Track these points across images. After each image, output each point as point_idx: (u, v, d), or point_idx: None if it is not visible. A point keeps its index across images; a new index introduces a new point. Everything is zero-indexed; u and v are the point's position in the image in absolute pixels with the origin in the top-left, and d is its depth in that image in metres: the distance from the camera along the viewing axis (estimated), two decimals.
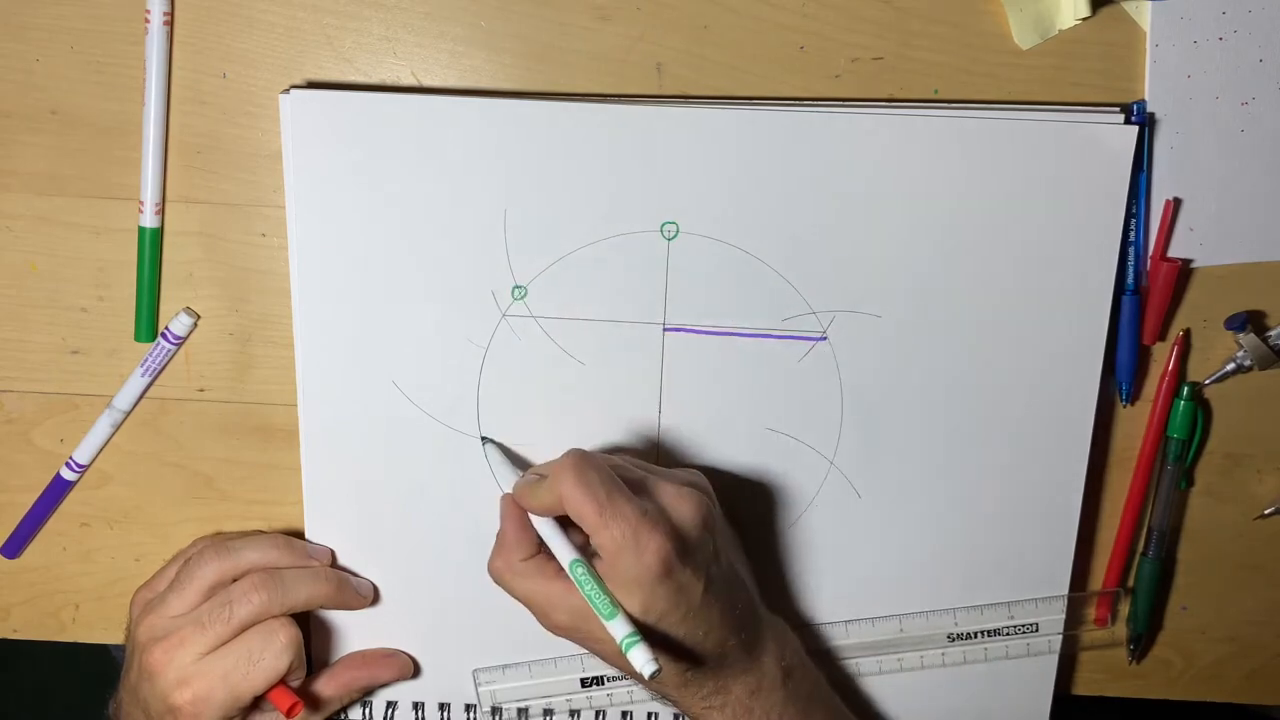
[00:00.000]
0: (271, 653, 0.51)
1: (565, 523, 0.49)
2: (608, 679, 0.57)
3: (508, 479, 0.52)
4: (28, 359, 0.57)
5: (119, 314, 0.56)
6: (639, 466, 0.51)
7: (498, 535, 0.51)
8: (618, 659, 0.48)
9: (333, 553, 0.56)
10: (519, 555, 0.50)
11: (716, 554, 0.49)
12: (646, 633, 0.46)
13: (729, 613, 0.49)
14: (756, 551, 0.56)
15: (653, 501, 0.48)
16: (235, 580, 0.53)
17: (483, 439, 0.55)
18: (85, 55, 0.53)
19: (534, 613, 0.50)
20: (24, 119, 0.54)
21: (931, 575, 0.57)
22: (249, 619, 0.51)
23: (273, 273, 0.56)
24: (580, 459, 0.48)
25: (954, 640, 0.57)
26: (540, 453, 0.55)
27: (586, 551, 0.48)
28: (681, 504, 0.48)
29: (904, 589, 0.57)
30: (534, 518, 0.50)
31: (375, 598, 0.57)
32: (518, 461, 0.55)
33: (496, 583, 0.51)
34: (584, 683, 0.57)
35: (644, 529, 0.46)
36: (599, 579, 0.47)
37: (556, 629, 0.50)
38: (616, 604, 0.46)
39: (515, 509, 0.51)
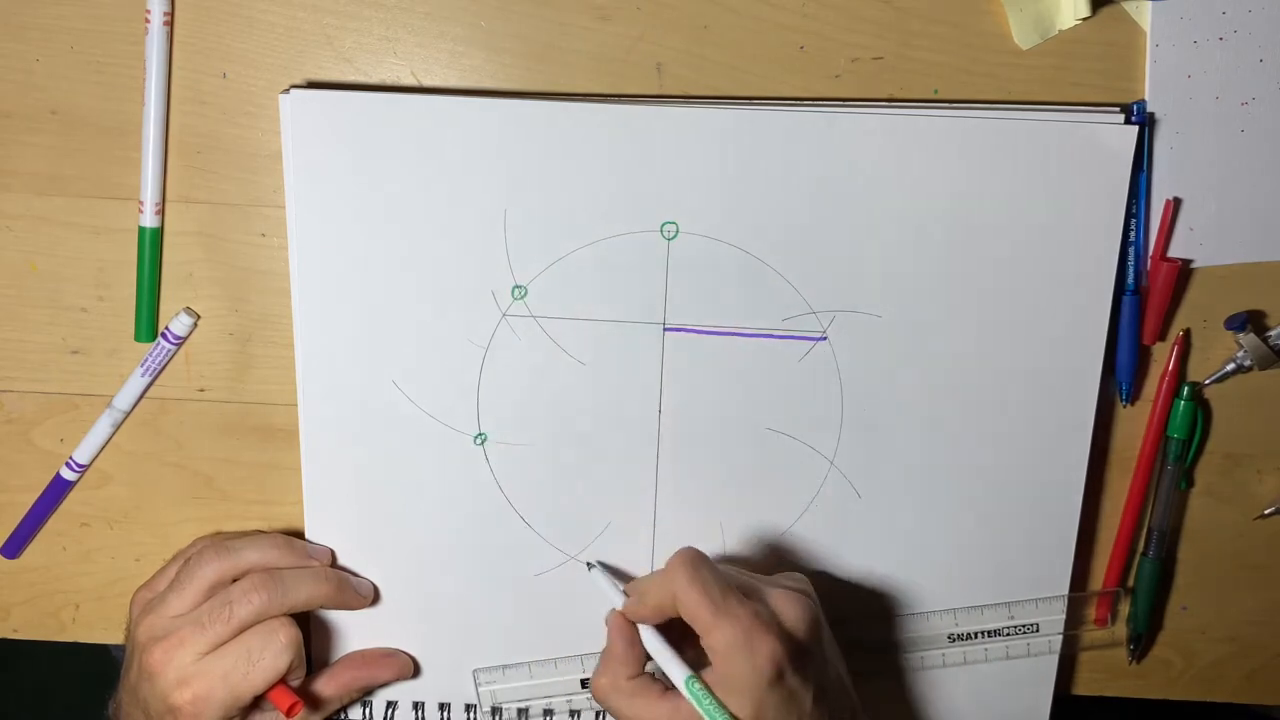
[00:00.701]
0: (271, 652, 0.51)
1: (672, 642, 0.49)
2: None
3: (615, 597, 0.52)
4: (28, 359, 0.57)
5: (119, 314, 0.56)
6: (744, 572, 0.51)
7: (604, 652, 0.51)
8: None
9: (333, 553, 0.56)
10: (626, 673, 0.49)
11: (825, 661, 0.49)
12: None
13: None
14: (756, 552, 0.56)
15: (764, 604, 0.48)
16: (235, 580, 0.53)
17: (588, 564, 0.55)
18: (85, 55, 0.53)
19: None
20: (24, 119, 0.54)
21: (931, 575, 0.57)
22: (249, 619, 0.51)
23: (273, 273, 0.56)
24: (694, 557, 0.48)
25: (954, 641, 0.57)
26: (540, 453, 0.55)
27: (695, 665, 0.48)
28: (791, 608, 0.48)
29: (904, 589, 0.57)
30: (644, 635, 0.50)
31: (375, 598, 0.57)
32: (622, 578, 0.55)
33: (600, 701, 0.50)
34: (584, 683, 0.57)
35: (757, 630, 0.46)
36: (714, 695, 0.46)
37: None
38: (731, 715, 0.46)
39: (625, 625, 0.50)
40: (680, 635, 0.49)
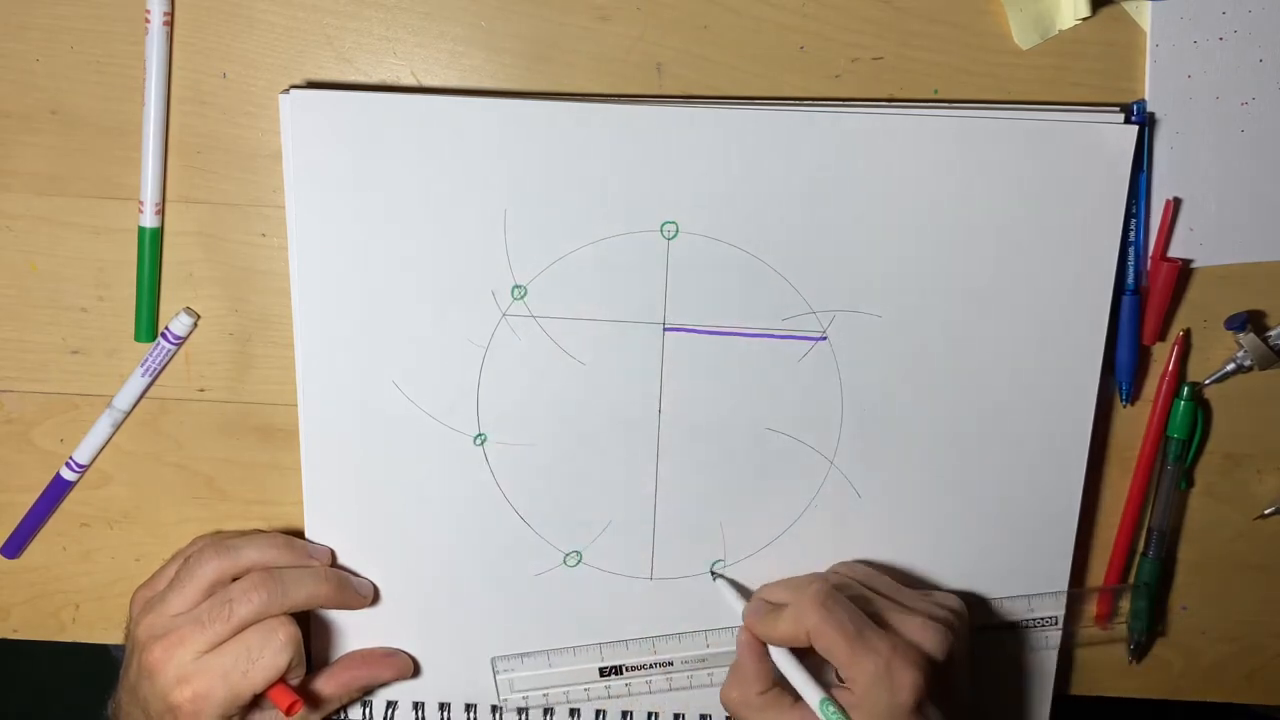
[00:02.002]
0: (270, 651, 0.51)
1: (799, 651, 0.49)
2: (626, 668, 0.57)
3: (739, 610, 0.52)
4: (28, 359, 0.57)
5: (119, 314, 0.56)
6: (893, 586, 0.51)
7: (734, 666, 0.52)
8: None
9: (333, 553, 0.56)
10: (757, 689, 0.50)
11: (961, 689, 0.49)
12: None
13: None
14: (755, 552, 0.56)
15: (900, 635, 0.48)
16: (235, 579, 0.53)
17: (712, 573, 0.56)
18: (85, 55, 0.53)
19: None
20: (24, 119, 0.54)
21: (931, 575, 0.57)
22: (249, 618, 0.51)
23: (273, 273, 0.56)
24: (825, 593, 0.48)
25: None
26: (540, 453, 0.55)
27: (826, 683, 0.48)
28: (931, 637, 0.48)
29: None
30: (774, 652, 0.50)
31: (375, 598, 0.57)
32: (746, 592, 0.55)
33: (731, 713, 0.51)
34: (602, 672, 0.57)
35: (896, 663, 0.46)
36: (849, 716, 0.46)
37: None
38: None
39: (754, 642, 0.51)
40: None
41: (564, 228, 0.53)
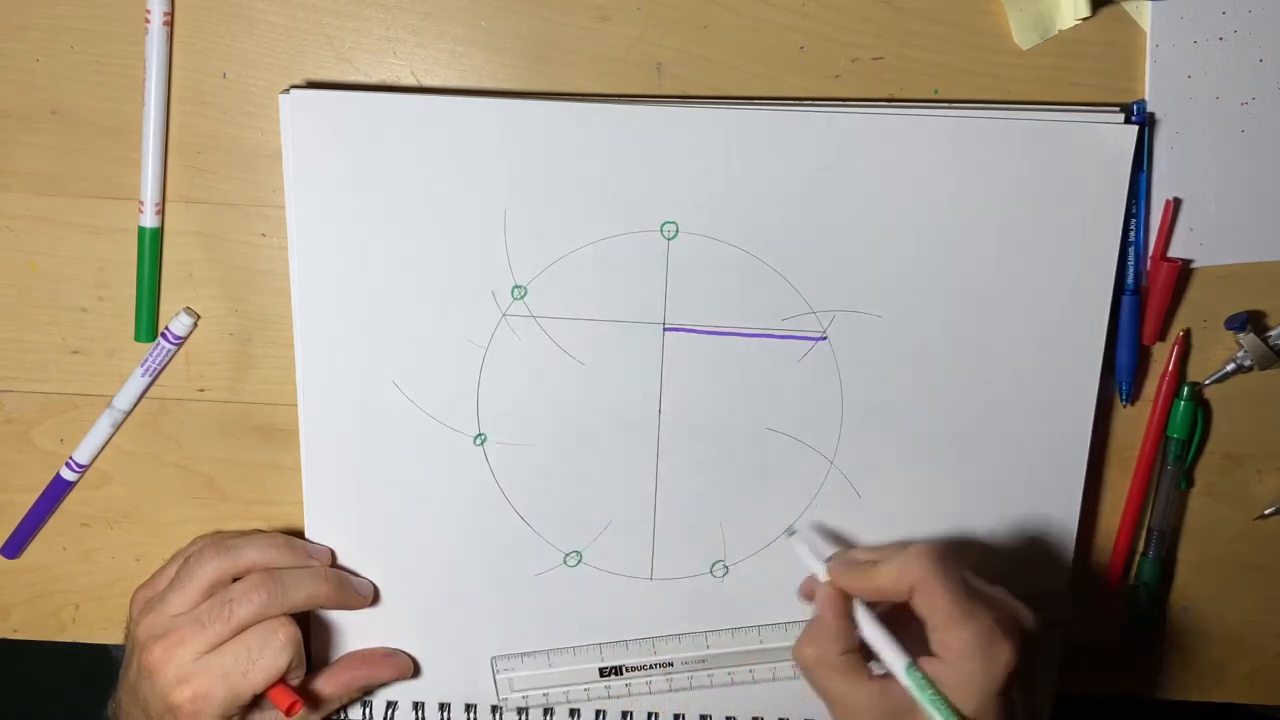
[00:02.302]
0: (270, 651, 0.51)
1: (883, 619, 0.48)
2: (626, 669, 0.57)
3: (818, 569, 0.50)
4: (28, 359, 0.57)
5: (119, 314, 0.56)
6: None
7: (814, 622, 0.49)
8: None
9: (333, 553, 0.56)
10: (838, 648, 0.48)
11: (1033, 683, 0.48)
12: None
13: None
14: (755, 552, 0.56)
15: (1003, 610, 0.47)
16: (235, 579, 0.53)
17: (790, 530, 0.54)
18: (85, 55, 0.53)
19: (835, 710, 0.48)
20: (24, 119, 0.54)
21: None
22: (249, 618, 0.51)
23: (273, 273, 0.56)
24: (940, 549, 0.47)
25: None
26: (540, 452, 0.55)
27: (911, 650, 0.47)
28: (1029, 617, 0.47)
29: None
30: (859, 613, 0.48)
31: (375, 598, 0.57)
32: (826, 549, 0.53)
33: (804, 671, 0.49)
34: (602, 672, 0.57)
35: (997, 635, 0.45)
36: (937, 688, 0.45)
37: None
38: (959, 715, 0.44)
39: (839, 598, 0.49)
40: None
41: (564, 228, 0.53)
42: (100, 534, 0.60)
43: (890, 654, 0.47)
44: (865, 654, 0.48)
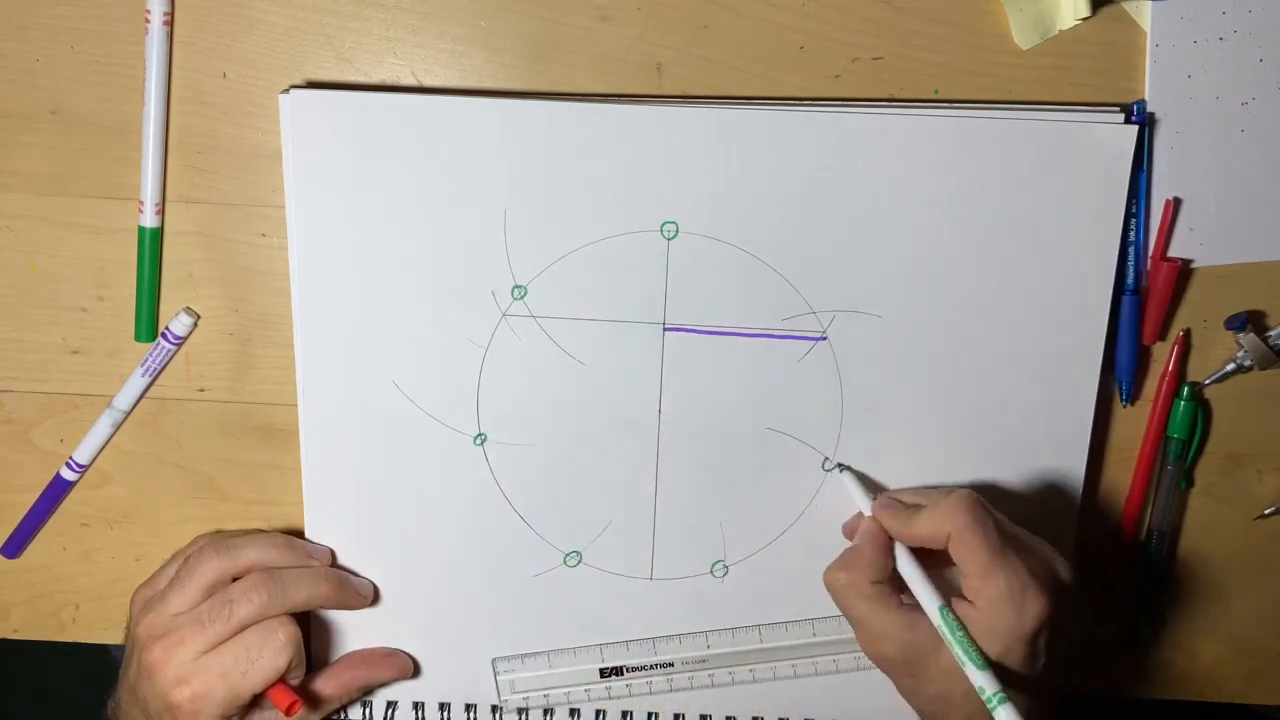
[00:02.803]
0: (270, 651, 0.51)
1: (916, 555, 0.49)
2: (627, 669, 0.57)
3: (866, 504, 0.52)
4: (28, 359, 0.57)
5: (119, 314, 0.56)
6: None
7: (850, 551, 0.51)
8: (935, 704, 0.48)
9: (333, 552, 0.56)
10: (870, 576, 0.49)
11: (1059, 638, 0.48)
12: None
13: (1053, 692, 0.48)
14: (756, 552, 0.56)
15: (1038, 560, 0.48)
16: (235, 579, 0.53)
17: (839, 465, 0.55)
18: (85, 55, 0.53)
19: (861, 635, 0.50)
20: (24, 119, 0.54)
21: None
22: (249, 618, 0.51)
23: (273, 273, 0.56)
24: (977, 500, 0.48)
25: None
26: (540, 452, 0.55)
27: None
28: (1064, 568, 0.48)
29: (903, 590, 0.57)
30: (899, 552, 0.50)
31: (375, 598, 0.57)
32: (872, 486, 0.55)
33: (832, 593, 0.51)
34: (603, 673, 0.57)
35: (1031, 588, 0.46)
36: (966, 631, 0.46)
37: (880, 658, 0.50)
38: (986, 659, 0.46)
39: (881, 533, 0.50)
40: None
41: (564, 228, 0.53)
42: (100, 534, 0.60)
43: (925, 594, 0.48)
44: (895, 586, 0.50)
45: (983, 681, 0.45)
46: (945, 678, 0.48)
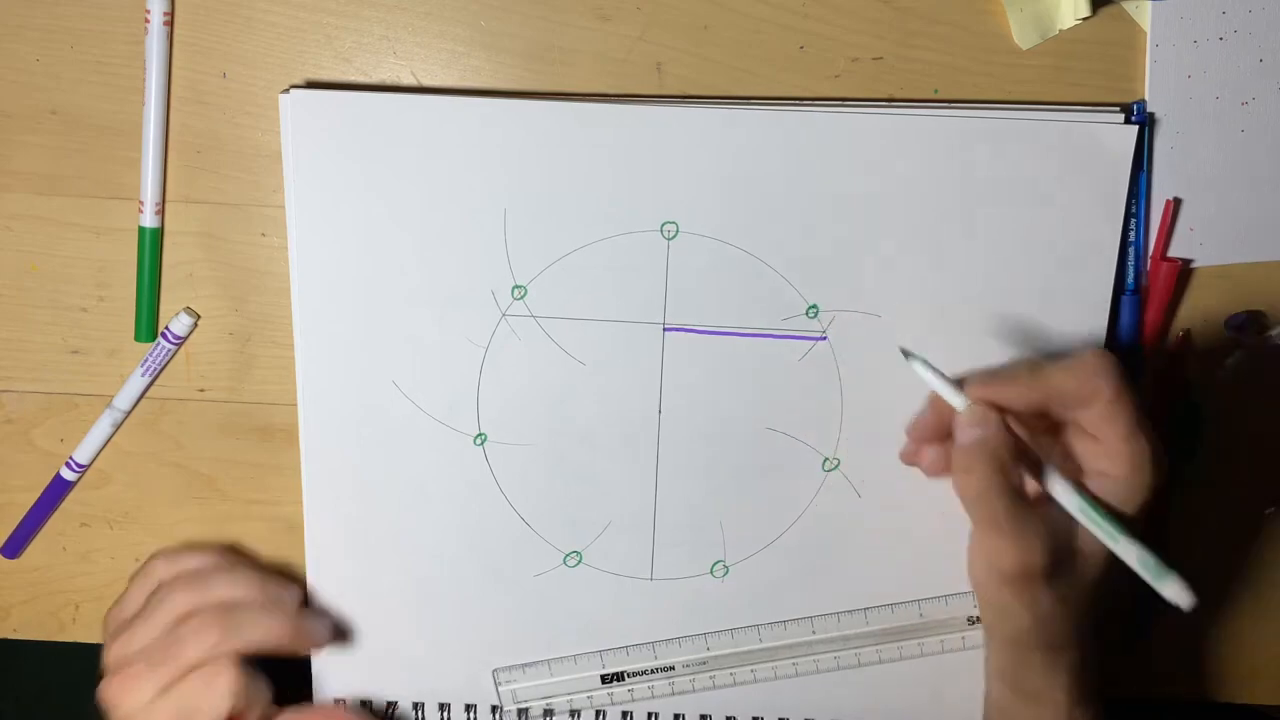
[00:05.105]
0: (211, 699, 0.49)
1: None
2: (628, 675, 0.57)
3: (954, 390, 0.47)
4: (28, 359, 0.57)
5: (119, 314, 0.56)
6: None
7: (973, 447, 0.45)
8: (1057, 608, 0.45)
9: (303, 594, 0.56)
10: (1009, 467, 0.45)
11: None
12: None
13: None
14: (756, 552, 0.56)
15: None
16: None
17: (904, 352, 0.48)
18: (85, 55, 0.53)
19: (1003, 546, 0.45)
20: (24, 119, 0.54)
21: (931, 575, 0.57)
22: (197, 659, 0.50)
23: (273, 273, 0.56)
24: (1119, 363, 0.45)
25: (973, 623, 0.57)
26: (540, 453, 0.55)
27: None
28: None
29: (903, 589, 0.57)
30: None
31: (335, 638, 0.56)
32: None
33: (970, 502, 0.46)
34: (604, 679, 0.57)
35: (1162, 458, 0.45)
36: (1101, 503, 0.44)
37: (1021, 569, 0.45)
38: (1129, 529, 0.43)
39: (991, 414, 0.46)
40: None
41: (564, 228, 0.53)
42: (100, 534, 0.60)
43: (1056, 477, 0.45)
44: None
45: (1127, 552, 0.42)
46: (1075, 576, 0.45)
